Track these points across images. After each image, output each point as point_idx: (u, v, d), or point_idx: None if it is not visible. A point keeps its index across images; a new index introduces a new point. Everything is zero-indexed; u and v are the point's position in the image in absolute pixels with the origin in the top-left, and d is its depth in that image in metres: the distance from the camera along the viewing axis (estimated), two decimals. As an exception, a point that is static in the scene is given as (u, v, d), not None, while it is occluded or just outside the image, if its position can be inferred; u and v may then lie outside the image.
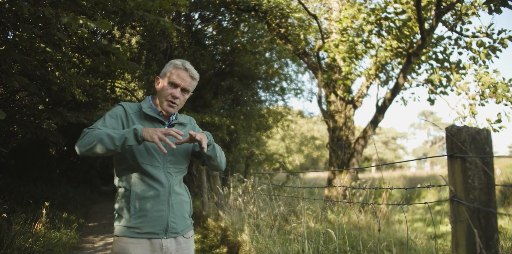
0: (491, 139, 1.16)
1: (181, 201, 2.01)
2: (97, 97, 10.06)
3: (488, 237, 1.11)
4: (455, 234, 1.16)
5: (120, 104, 2.03)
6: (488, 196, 1.13)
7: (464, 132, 1.15)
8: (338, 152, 8.60)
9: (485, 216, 1.12)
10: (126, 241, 1.90)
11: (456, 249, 1.16)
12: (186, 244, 2.04)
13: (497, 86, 6.35)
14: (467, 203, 1.13)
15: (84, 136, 1.81)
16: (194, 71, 2.04)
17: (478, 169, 1.13)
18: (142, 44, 11.84)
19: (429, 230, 7.07)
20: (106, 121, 1.93)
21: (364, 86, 8.89)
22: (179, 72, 1.98)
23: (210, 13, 11.78)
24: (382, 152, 48.81)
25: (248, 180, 5.98)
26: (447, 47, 7.67)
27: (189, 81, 2.01)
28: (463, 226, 1.14)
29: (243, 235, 4.58)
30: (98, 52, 4.87)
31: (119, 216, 1.96)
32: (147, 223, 1.89)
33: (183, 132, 2.04)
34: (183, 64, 2.00)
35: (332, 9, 9.07)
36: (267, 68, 12.53)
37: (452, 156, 1.18)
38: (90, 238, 7.06)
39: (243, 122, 11.63)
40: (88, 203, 12.81)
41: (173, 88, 1.98)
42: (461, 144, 1.15)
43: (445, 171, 9.94)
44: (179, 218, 1.98)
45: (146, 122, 2.00)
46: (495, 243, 1.12)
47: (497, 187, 1.23)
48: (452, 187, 1.18)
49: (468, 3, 6.63)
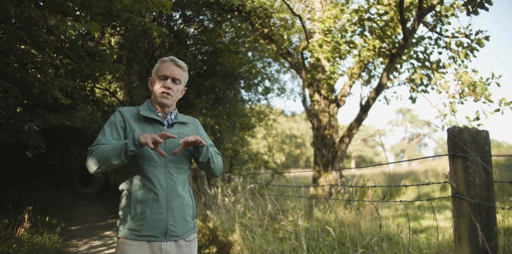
0: (489, 139, 1.24)
1: (182, 204, 2.02)
2: (76, 99, 9.89)
3: (488, 230, 1.20)
4: (458, 228, 1.25)
5: (118, 110, 2.07)
6: (488, 192, 1.22)
7: (465, 132, 1.24)
8: (322, 150, 8.74)
9: (485, 210, 1.20)
10: (126, 243, 1.94)
11: (459, 242, 1.24)
12: (188, 247, 2.05)
13: (475, 85, 6.61)
14: (469, 198, 1.21)
15: (90, 156, 1.91)
16: (180, 61, 2.09)
17: (478, 167, 1.22)
18: (123, 44, 11.68)
19: (412, 225, 7.28)
20: (106, 133, 1.98)
21: (347, 86, 9.06)
22: (166, 65, 2.04)
23: (192, 12, 11.71)
24: (361, 149, 49.61)
25: (233, 179, 6.02)
26: (428, 47, 7.92)
27: (178, 71, 2.05)
28: (465, 220, 1.22)
29: (234, 234, 4.62)
30: (83, 54, 4.81)
31: (121, 218, 1.99)
32: (146, 226, 1.92)
33: (184, 131, 2.08)
34: (169, 57, 2.07)
35: (315, 9, 9.18)
36: (249, 68, 12.58)
37: (454, 155, 1.26)
38: (74, 242, 6.96)
39: (227, 122, 11.65)
40: (69, 206, 12.60)
41: (164, 80, 2.03)
42: (462, 144, 1.23)
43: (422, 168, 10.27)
44: (179, 221, 1.99)
45: (145, 124, 2.02)
46: (495, 236, 1.21)
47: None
48: (454, 184, 1.26)
49: (447, 4, 6.87)
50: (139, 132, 1.89)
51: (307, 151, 37.56)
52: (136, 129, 1.99)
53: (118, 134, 1.98)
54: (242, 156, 12.07)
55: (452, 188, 1.27)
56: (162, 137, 1.80)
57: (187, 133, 2.10)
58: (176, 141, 2.00)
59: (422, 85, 8.24)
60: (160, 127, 2.04)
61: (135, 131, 1.98)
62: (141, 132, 1.98)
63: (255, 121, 14.01)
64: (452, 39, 7.39)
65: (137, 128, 1.99)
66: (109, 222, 9.46)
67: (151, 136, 1.79)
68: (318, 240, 3.34)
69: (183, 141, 1.88)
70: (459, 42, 7.08)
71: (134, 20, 4.69)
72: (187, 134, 2.08)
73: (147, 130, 2.00)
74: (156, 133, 1.98)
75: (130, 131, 1.99)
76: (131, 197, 1.95)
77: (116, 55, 4.60)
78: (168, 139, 1.92)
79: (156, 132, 2.01)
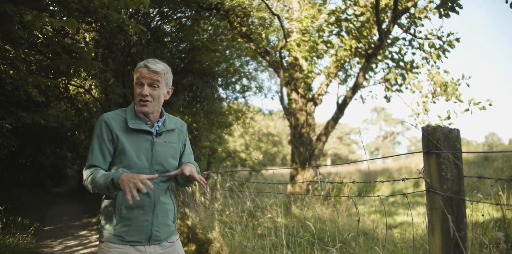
0: (461, 137, 1.33)
1: (166, 210, 2.05)
2: (49, 96, 9.64)
3: (459, 222, 1.29)
4: (431, 220, 1.34)
5: (102, 120, 1.98)
6: (459, 186, 1.31)
7: (438, 131, 1.32)
8: (300, 148, 8.86)
9: (456, 203, 1.30)
10: (111, 246, 1.94)
11: (432, 233, 1.33)
12: (172, 247, 2.07)
13: (447, 85, 6.87)
14: (441, 192, 1.30)
15: (86, 180, 1.92)
16: (156, 65, 1.98)
17: (450, 163, 1.31)
18: (98, 41, 11.44)
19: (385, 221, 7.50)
20: (95, 152, 1.94)
21: (324, 84, 9.22)
22: (140, 71, 1.97)
23: (169, 10, 11.59)
24: (337, 147, 50.35)
25: (211, 177, 6.04)
26: (402, 47, 8.17)
27: (153, 75, 1.96)
28: (438, 212, 1.31)
29: (213, 232, 4.65)
30: (59, 51, 4.71)
31: (104, 222, 2.00)
32: (131, 232, 1.94)
33: (171, 139, 2.08)
34: (144, 62, 1.99)
35: (293, 9, 9.28)
36: (227, 66, 12.57)
37: (428, 152, 1.35)
38: (48, 242, 6.83)
39: (204, 120, 11.63)
40: (42, 206, 12.29)
41: (141, 87, 1.98)
42: (436, 141, 1.32)
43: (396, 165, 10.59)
44: (162, 226, 2.02)
45: (132, 133, 1.98)
46: (464, 227, 1.30)
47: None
48: (428, 179, 1.35)
49: (421, 7, 7.10)
50: (120, 172, 1.80)
51: (284, 149, 37.86)
52: (124, 140, 1.95)
53: (107, 149, 1.95)
54: (219, 154, 12.08)
55: (426, 182, 1.36)
56: (142, 181, 1.73)
57: (174, 140, 2.10)
58: (162, 150, 2.02)
59: (397, 85, 8.49)
60: (148, 137, 2.00)
61: (124, 142, 1.94)
62: (129, 142, 1.96)
63: (233, 120, 14.04)
64: (425, 40, 7.66)
65: (124, 138, 1.95)
66: (84, 222, 9.30)
67: (129, 183, 1.71)
68: (297, 235, 3.42)
69: (181, 171, 1.94)
70: (431, 43, 7.35)
71: (112, 17, 4.63)
72: (174, 142, 2.09)
73: (135, 140, 1.97)
74: (144, 142, 1.98)
75: (119, 142, 1.95)
76: (116, 203, 1.94)
77: (93, 52, 4.53)
78: (155, 150, 1.99)
79: (144, 141, 1.99)
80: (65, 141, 16.40)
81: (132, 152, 1.94)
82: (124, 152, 1.94)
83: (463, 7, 5.63)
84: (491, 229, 3.61)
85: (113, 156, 1.97)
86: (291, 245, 2.74)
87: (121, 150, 1.94)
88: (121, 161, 1.95)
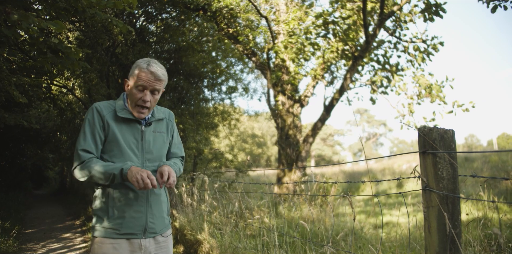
0: (455, 137, 1.39)
1: (160, 201, 2.06)
2: (31, 96, 9.44)
3: (454, 219, 1.34)
4: (428, 217, 1.38)
5: (94, 107, 2.00)
6: (454, 184, 1.36)
7: (434, 131, 1.37)
8: (287, 149, 8.92)
9: (452, 201, 1.35)
10: (105, 242, 1.93)
11: (428, 230, 1.37)
12: (165, 243, 2.09)
13: (432, 87, 7.04)
14: (437, 191, 1.34)
15: (79, 166, 1.91)
16: (160, 72, 1.97)
17: (446, 162, 1.36)
18: (82, 40, 11.27)
19: (371, 221, 7.61)
20: (87, 137, 1.95)
21: (311, 86, 9.30)
22: (145, 75, 1.93)
23: (155, 10, 11.51)
24: (321, 148, 50.74)
25: (198, 178, 6.03)
26: (388, 50, 8.32)
27: (157, 83, 1.97)
28: (435, 210, 1.36)
29: (203, 233, 4.64)
30: (45, 50, 4.63)
31: (98, 217, 1.98)
32: (125, 224, 1.93)
33: (160, 128, 2.11)
34: (148, 67, 1.94)
35: (280, 11, 9.34)
36: (213, 67, 12.56)
37: (425, 152, 1.39)
38: (30, 245, 6.70)
39: (190, 121, 11.58)
40: (22, 208, 12.02)
41: (141, 92, 1.95)
42: (432, 141, 1.36)
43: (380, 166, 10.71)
44: (157, 218, 2.02)
45: (123, 123, 2.00)
46: (459, 223, 1.35)
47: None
48: (424, 178, 1.39)
49: (406, 11, 7.26)
50: (129, 164, 1.86)
51: (268, 150, 37.97)
52: (114, 128, 1.97)
53: (99, 136, 1.96)
54: (206, 155, 12.05)
55: (422, 181, 1.41)
56: (149, 175, 1.82)
57: (163, 129, 2.13)
58: (152, 139, 2.05)
59: (382, 87, 8.64)
60: (138, 126, 2.03)
61: (115, 131, 1.97)
62: (120, 130, 1.98)
63: (218, 121, 14.01)
64: (410, 43, 7.82)
65: (115, 127, 1.97)
66: (67, 224, 9.14)
67: (137, 175, 1.78)
68: (289, 235, 3.45)
69: (160, 175, 1.93)
70: (416, 46, 7.51)
71: (100, 17, 4.59)
72: (163, 131, 2.12)
73: (125, 129, 2.00)
74: (134, 132, 2.01)
75: (110, 130, 1.97)
76: (109, 196, 1.94)
77: (81, 53, 4.46)
78: (145, 139, 2.01)
79: (134, 130, 2.02)
80: (47, 142, 16.07)
81: (123, 141, 1.97)
82: (115, 140, 1.96)
83: (447, 11, 5.82)
84: (474, 228, 3.72)
85: (103, 144, 1.98)
86: (283, 245, 2.77)
87: (112, 138, 1.96)
88: (112, 149, 1.96)
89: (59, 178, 26.24)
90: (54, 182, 28.64)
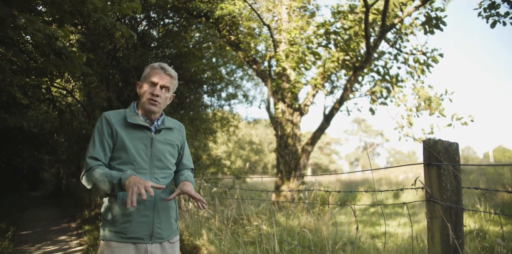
0: (459, 150, 1.43)
1: (168, 207, 2.07)
2: (30, 97, 9.44)
3: (457, 229, 1.37)
4: (431, 228, 1.41)
5: (103, 116, 2.05)
6: (458, 196, 1.39)
7: (439, 144, 1.41)
8: (285, 157, 8.94)
9: (455, 212, 1.38)
10: (112, 245, 1.94)
11: (432, 241, 1.41)
12: (171, 249, 2.08)
13: (431, 100, 7.11)
14: (441, 202, 1.38)
15: (85, 174, 1.94)
16: (171, 70, 2.10)
17: (450, 174, 1.39)
18: (83, 43, 11.32)
19: (367, 230, 7.62)
20: (96, 145, 1.98)
21: (311, 95, 9.36)
22: (156, 72, 2.05)
23: (157, 15, 11.59)
24: (318, 157, 50.74)
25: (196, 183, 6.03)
26: (388, 61, 8.41)
27: (167, 79, 2.07)
28: (438, 221, 1.39)
29: (201, 239, 4.64)
30: (48, 53, 4.66)
31: (105, 220, 2.00)
32: (132, 228, 1.94)
33: (170, 137, 2.13)
34: (159, 65, 2.08)
35: (282, 19, 9.43)
36: (213, 73, 12.62)
37: (430, 164, 1.43)
38: (26, 247, 6.66)
39: (190, 126, 11.60)
40: (17, 210, 11.95)
41: (152, 87, 2.04)
42: (437, 154, 1.40)
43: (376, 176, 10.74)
44: (165, 223, 2.04)
45: (132, 129, 2.03)
46: (462, 234, 1.39)
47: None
48: (429, 189, 1.43)
49: (407, 23, 7.36)
50: (129, 173, 1.85)
51: (265, 157, 37.94)
52: (123, 135, 1.99)
53: (107, 143, 1.99)
54: (204, 161, 12.06)
55: (426, 192, 1.44)
56: (146, 187, 1.77)
57: (173, 139, 2.15)
58: (161, 146, 2.07)
59: (382, 98, 8.71)
60: (148, 133, 2.05)
61: (123, 138, 1.99)
62: (129, 137, 2.00)
63: (217, 127, 14.03)
64: (410, 55, 7.92)
65: (124, 134, 2.00)
66: (63, 226, 9.09)
67: (136, 185, 1.75)
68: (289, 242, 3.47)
69: (178, 194, 1.99)
70: (416, 58, 7.60)
71: (104, 21, 4.63)
72: (173, 140, 2.14)
73: (134, 135, 2.02)
74: (143, 138, 2.03)
75: (118, 138, 1.99)
76: (117, 200, 1.96)
77: (85, 57, 4.50)
78: (154, 146, 2.03)
79: (143, 137, 2.04)
80: (44, 144, 16.00)
81: (132, 148, 1.99)
82: (124, 147, 1.98)
83: (447, 24, 5.93)
84: (471, 240, 3.75)
85: (112, 151, 2.01)
86: (284, 252, 2.78)
87: (121, 145, 1.99)
88: (121, 156, 1.99)
89: (55, 180, 26.08)
90: (50, 184, 28.46)
